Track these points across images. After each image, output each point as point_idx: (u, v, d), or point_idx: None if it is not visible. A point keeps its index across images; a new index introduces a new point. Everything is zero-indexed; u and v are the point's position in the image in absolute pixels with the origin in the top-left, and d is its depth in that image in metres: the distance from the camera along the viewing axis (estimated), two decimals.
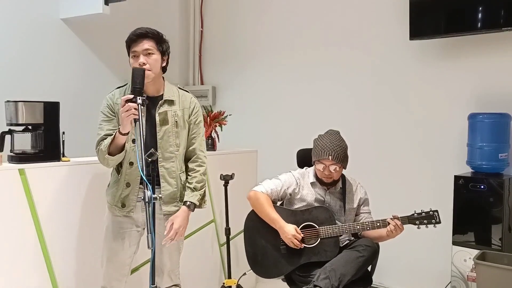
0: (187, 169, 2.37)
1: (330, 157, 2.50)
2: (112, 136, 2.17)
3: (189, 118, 2.34)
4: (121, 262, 2.31)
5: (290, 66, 4.13)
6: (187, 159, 2.37)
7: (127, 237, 2.30)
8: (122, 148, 2.20)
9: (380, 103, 3.70)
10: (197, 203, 2.32)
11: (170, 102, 2.29)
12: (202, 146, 2.40)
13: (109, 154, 2.17)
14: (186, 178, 2.36)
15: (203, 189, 2.36)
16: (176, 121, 2.28)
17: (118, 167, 2.29)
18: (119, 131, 2.14)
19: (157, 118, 2.24)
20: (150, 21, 3.85)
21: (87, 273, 2.46)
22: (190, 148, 2.35)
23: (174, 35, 4.51)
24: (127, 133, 2.14)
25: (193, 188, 2.32)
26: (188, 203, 2.29)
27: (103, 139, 2.21)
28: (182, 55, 4.64)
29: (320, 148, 2.53)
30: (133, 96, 2.04)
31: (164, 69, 2.31)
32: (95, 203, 2.50)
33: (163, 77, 2.33)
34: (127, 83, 2.33)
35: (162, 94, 2.29)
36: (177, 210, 2.30)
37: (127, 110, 2.02)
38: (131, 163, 2.24)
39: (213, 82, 4.61)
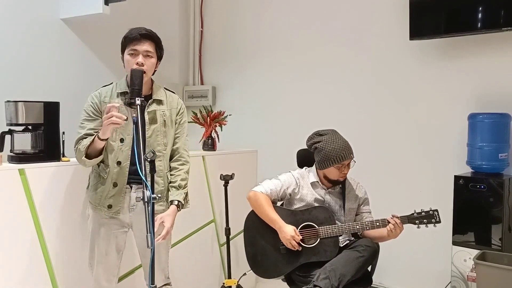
0: (170, 168, 2.37)
1: (351, 155, 2.53)
2: (92, 138, 2.15)
3: (175, 117, 2.36)
4: (111, 263, 2.32)
5: (290, 66, 4.13)
6: (170, 158, 2.37)
7: (114, 238, 2.30)
8: (100, 152, 2.19)
9: (380, 103, 3.70)
10: (183, 202, 2.31)
11: (159, 102, 2.30)
12: (186, 145, 2.41)
13: (86, 156, 2.16)
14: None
15: (187, 188, 2.35)
16: (165, 121, 2.29)
17: (104, 168, 2.26)
18: (98, 136, 2.13)
19: (146, 117, 2.24)
20: (150, 21, 3.86)
21: (87, 273, 2.46)
22: (174, 147, 2.36)
23: (174, 35, 4.51)
24: (106, 139, 2.14)
25: (178, 186, 2.31)
26: (176, 202, 2.28)
27: (82, 138, 2.19)
28: (182, 55, 4.64)
29: (339, 152, 2.49)
30: (119, 104, 2.07)
31: (153, 72, 2.33)
32: None
33: (151, 78, 2.34)
34: (112, 82, 2.34)
35: (151, 94, 2.30)
36: (163, 210, 2.29)
37: (110, 118, 2.02)
38: (118, 163, 2.23)
39: (213, 82, 4.61)
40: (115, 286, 2.37)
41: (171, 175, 2.35)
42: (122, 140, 2.23)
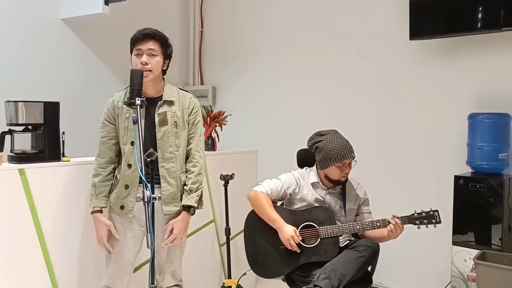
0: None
1: (352, 154, 2.54)
2: (96, 191, 2.32)
3: (188, 117, 2.35)
4: (125, 261, 2.33)
5: (290, 66, 4.13)
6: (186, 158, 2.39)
7: (131, 236, 2.31)
8: None
9: (380, 103, 3.70)
10: (195, 205, 2.33)
11: (170, 103, 2.30)
12: (199, 146, 2.40)
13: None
14: None
15: (200, 190, 2.36)
16: (176, 122, 2.30)
17: (119, 170, 2.32)
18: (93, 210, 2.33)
19: (156, 119, 2.25)
20: (150, 21, 3.87)
21: (87, 273, 2.46)
22: (188, 147, 2.37)
23: (174, 35, 4.48)
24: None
25: (189, 190, 2.32)
26: (186, 207, 2.32)
27: (98, 148, 2.34)
28: (182, 55, 4.64)
29: (339, 151, 2.49)
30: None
31: (164, 72, 2.34)
32: None
33: (163, 78, 2.35)
34: (128, 86, 2.35)
35: (162, 95, 2.31)
36: (178, 210, 2.32)
37: (100, 240, 2.30)
38: (129, 165, 2.26)
39: (213, 82, 4.61)
40: (127, 285, 2.37)
41: (186, 177, 2.36)
42: (132, 143, 2.25)
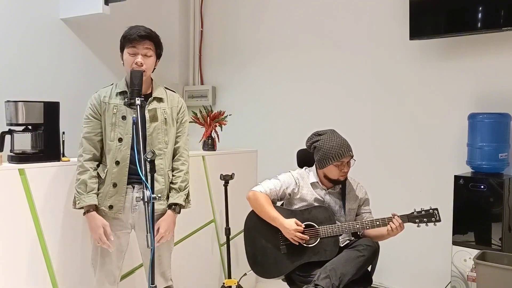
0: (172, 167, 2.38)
1: (350, 152, 2.54)
2: (84, 189, 2.22)
3: (177, 115, 2.37)
4: (113, 265, 2.32)
5: (290, 66, 4.13)
6: (172, 156, 2.39)
7: (117, 239, 2.29)
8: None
9: (380, 103, 3.70)
10: (183, 204, 2.33)
11: (159, 100, 2.31)
12: (187, 145, 2.43)
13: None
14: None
15: (187, 188, 2.37)
16: (165, 119, 2.30)
17: (103, 168, 2.27)
18: (85, 210, 2.23)
19: (147, 115, 2.24)
20: (150, 21, 3.85)
21: (87, 273, 2.46)
22: (175, 146, 2.38)
23: (174, 35, 4.51)
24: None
25: (178, 188, 2.32)
26: (173, 206, 2.30)
27: (82, 145, 2.27)
28: (182, 55, 4.64)
29: (337, 149, 2.50)
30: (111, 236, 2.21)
31: (153, 70, 2.34)
32: None
33: (151, 77, 2.35)
34: (112, 83, 2.36)
35: (151, 92, 2.32)
36: (164, 209, 2.31)
37: (99, 239, 2.20)
38: (117, 162, 2.23)
39: (213, 82, 4.61)
40: (117, 287, 2.37)
41: (172, 175, 2.35)
42: (120, 140, 2.23)
